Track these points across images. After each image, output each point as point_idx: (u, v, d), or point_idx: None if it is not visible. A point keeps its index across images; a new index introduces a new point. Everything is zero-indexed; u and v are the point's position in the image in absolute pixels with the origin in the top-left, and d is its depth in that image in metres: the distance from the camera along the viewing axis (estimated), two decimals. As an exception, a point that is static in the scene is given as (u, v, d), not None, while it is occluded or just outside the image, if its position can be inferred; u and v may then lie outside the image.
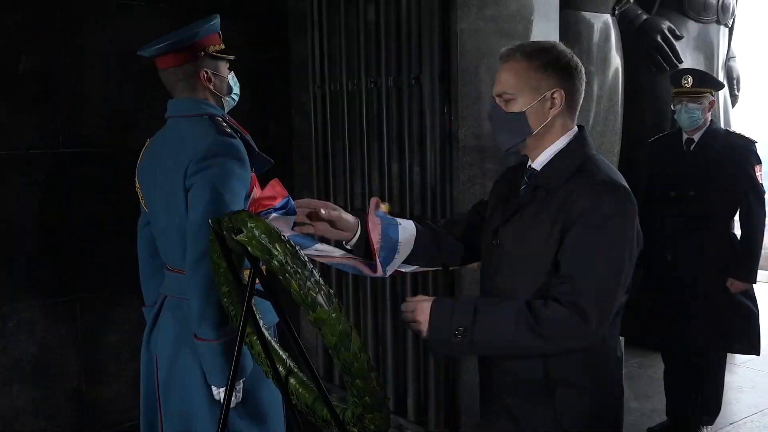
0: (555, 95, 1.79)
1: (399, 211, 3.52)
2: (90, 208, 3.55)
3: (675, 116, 3.71)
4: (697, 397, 3.82)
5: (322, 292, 1.51)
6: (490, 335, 1.70)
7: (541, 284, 1.76)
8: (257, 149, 2.33)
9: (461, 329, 1.69)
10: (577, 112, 1.87)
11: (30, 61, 3.37)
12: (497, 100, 1.83)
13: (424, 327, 1.74)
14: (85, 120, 3.54)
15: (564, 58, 1.80)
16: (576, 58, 1.83)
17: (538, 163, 1.84)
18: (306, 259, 1.55)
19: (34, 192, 3.43)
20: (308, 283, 1.50)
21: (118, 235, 3.30)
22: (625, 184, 1.75)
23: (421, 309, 1.75)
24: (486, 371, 1.96)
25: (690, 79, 3.64)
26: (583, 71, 1.85)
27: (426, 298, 1.78)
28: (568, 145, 1.82)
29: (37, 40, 3.39)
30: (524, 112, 1.78)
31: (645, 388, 4.64)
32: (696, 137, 3.69)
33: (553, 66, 1.78)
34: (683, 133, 3.73)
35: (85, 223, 3.55)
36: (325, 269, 3.72)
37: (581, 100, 1.87)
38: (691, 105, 3.62)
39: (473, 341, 1.69)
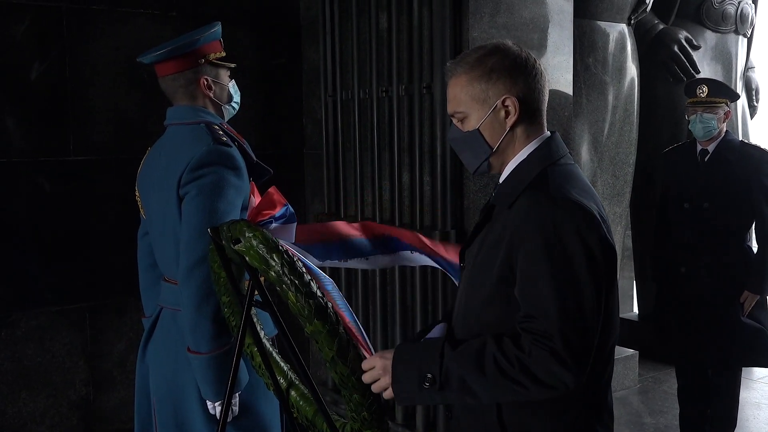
0: (507, 102, 1.59)
1: (409, 220, 3.49)
2: (99, 216, 3.55)
3: (689, 126, 3.65)
4: (712, 413, 3.75)
5: (320, 305, 1.48)
6: (460, 381, 1.50)
7: (490, 308, 1.58)
8: (255, 158, 2.30)
9: (429, 377, 1.51)
10: (544, 115, 1.66)
11: (38, 69, 3.38)
12: (453, 120, 1.68)
13: (387, 381, 1.55)
14: (93, 128, 3.54)
15: (508, 59, 1.60)
16: (526, 54, 1.63)
17: (502, 178, 1.66)
18: (303, 270, 1.52)
19: (43, 200, 3.43)
20: (305, 294, 1.47)
21: (126, 243, 3.27)
22: (578, 199, 1.52)
23: (383, 364, 1.57)
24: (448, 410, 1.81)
25: (705, 89, 3.57)
26: (539, 66, 1.64)
27: (384, 353, 1.59)
28: (530, 155, 1.62)
29: (44, 49, 3.40)
30: (478, 129, 1.62)
31: (659, 403, 4.57)
32: (710, 148, 3.62)
33: (498, 71, 1.59)
34: (698, 143, 3.67)
35: (93, 231, 3.55)
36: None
37: (545, 100, 1.66)
38: (705, 115, 3.55)
39: (443, 389, 1.50)
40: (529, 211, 1.52)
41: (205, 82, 2.28)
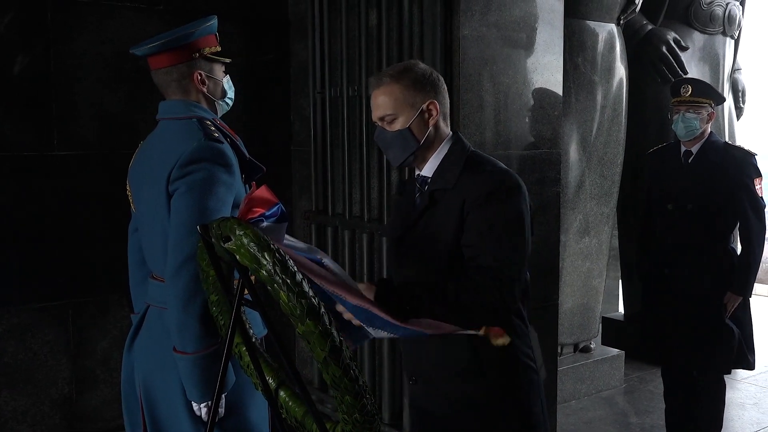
0: (430, 107, 1.98)
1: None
2: (82, 212, 3.50)
3: (672, 126, 3.64)
4: (697, 414, 3.75)
5: (312, 305, 1.45)
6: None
7: (453, 266, 1.92)
8: (248, 155, 2.26)
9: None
10: (449, 119, 2.07)
11: (21, 62, 3.32)
12: (380, 123, 2.00)
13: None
14: (78, 122, 3.49)
15: (427, 73, 2.00)
16: (437, 72, 2.04)
17: (427, 170, 2.03)
18: (295, 269, 1.49)
19: (26, 195, 3.37)
20: (297, 294, 1.44)
21: (110, 239, 3.24)
22: (507, 169, 1.98)
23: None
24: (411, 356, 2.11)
25: (689, 88, 3.57)
26: (444, 82, 2.04)
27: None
28: (450, 148, 2.01)
29: (28, 42, 3.34)
30: (409, 127, 1.96)
31: (645, 403, 4.58)
32: (694, 149, 3.61)
33: (421, 82, 1.97)
34: (681, 145, 3.66)
35: (77, 227, 3.49)
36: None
37: (449, 108, 2.07)
38: (688, 114, 3.53)
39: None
40: (480, 182, 1.91)
41: (199, 77, 2.24)
